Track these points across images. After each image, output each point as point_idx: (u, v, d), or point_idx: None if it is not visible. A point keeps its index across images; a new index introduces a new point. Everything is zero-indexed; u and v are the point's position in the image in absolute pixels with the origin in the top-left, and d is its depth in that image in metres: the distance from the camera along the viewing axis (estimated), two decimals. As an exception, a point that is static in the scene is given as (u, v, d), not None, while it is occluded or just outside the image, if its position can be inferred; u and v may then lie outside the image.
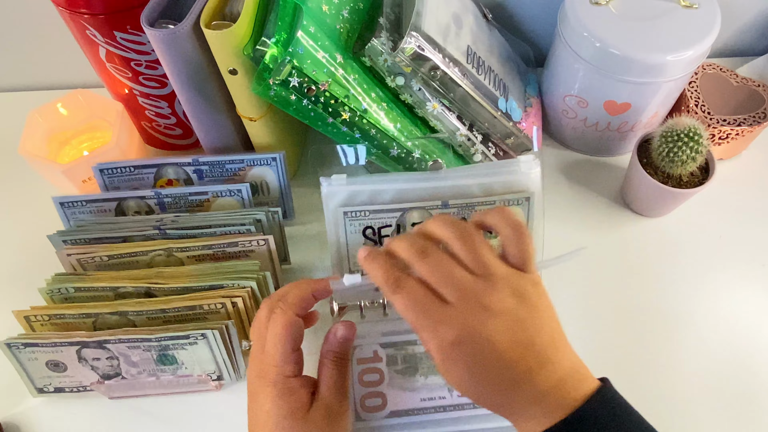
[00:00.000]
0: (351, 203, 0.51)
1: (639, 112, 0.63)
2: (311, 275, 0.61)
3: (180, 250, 0.54)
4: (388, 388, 0.50)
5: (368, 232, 0.52)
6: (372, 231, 0.52)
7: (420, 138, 0.58)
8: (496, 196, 0.51)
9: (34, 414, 0.53)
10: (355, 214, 0.51)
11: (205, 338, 0.49)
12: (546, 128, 0.72)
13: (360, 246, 0.52)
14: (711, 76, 0.69)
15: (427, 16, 0.54)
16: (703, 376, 0.54)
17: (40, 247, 0.57)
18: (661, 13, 0.59)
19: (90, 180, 0.61)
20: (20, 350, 0.49)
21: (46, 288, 0.52)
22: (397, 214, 0.52)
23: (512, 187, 0.51)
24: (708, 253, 0.62)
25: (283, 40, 0.50)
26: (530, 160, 0.52)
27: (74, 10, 0.54)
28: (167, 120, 0.67)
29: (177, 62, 0.52)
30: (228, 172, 0.60)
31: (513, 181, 0.51)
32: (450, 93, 0.56)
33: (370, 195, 0.51)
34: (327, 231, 0.52)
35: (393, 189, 0.51)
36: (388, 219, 0.52)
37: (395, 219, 0.52)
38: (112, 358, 0.50)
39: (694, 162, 0.57)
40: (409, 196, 0.51)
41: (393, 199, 0.51)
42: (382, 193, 0.51)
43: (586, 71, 0.61)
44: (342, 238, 0.52)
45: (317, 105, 0.53)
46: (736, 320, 0.57)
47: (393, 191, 0.51)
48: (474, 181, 0.51)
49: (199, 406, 0.53)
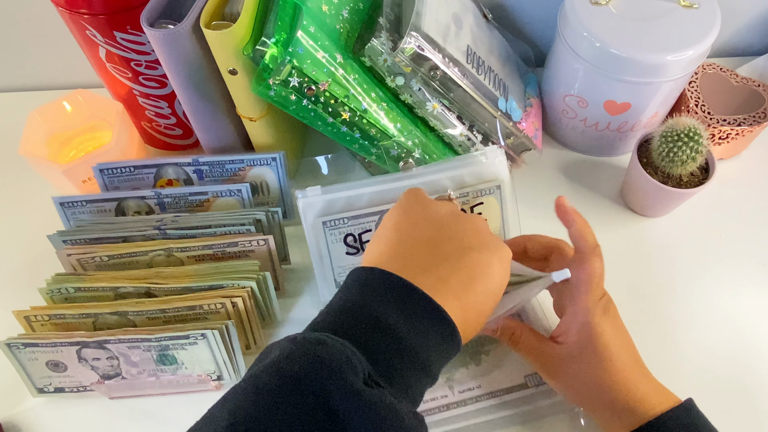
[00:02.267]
0: (329, 212, 0.51)
1: (639, 112, 0.63)
2: (311, 275, 0.61)
3: (180, 250, 0.54)
4: None
5: (349, 239, 0.53)
6: (353, 238, 0.53)
7: (420, 137, 0.58)
8: (469, 187, 0.52)
9: (34, 414, 0.53)
10: (335, 222, 0.52)
11: (205, 338, 0.49)
12: (546, 128, 0.72)
13: (342, 256, 0.53)
14: (711, 76, 0.69)
15: (427, 16, 0.54)
16: (702, 376, 0.54)
17: (40, 247, 0.57)
18: (661, 13, 0.59)
19: (90, 180, 0.61)
20: (20, 350, 0.49)
21: (46, 288, 0.52)
22: (375, 217, 0.52)
23: (482, 177, 0.53)
24: (708, 253, 0.62)
25: (283, 40, 0.50)
26: (495, 150, 0.53)
27: (74, 10, 0.54)
28: (167, 120, 0.67)
29: (177, 62, 0.52)
30: (228, 172, 0.60)
31: (482, 172, 0.53)
32: (450, 93, 0.56)
33: (347, 201, 0.52)
34: (308, 244, 0.53)
35: (368, 192, 0.52)
36: (368, 223, 0.52)
37: (374, 222, 0.52)
38: (112, 358, 0.50)
39: (694, 162, 0.57)
40: (385, 197, 0.52)
41: (369, 203, 0.52)
42: (358, 198, 0.52)
43: (586, 71, 0.61)
44: (324, 249, 0.53)
45: (317, 105, 0.53)
46: (736, 320, 0.57)
47: (368, 195, 0.52)
48: (444, 174, 0.52)
49: (199, 406, 0.53)
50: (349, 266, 0.54)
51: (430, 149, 0.59)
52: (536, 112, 0.68)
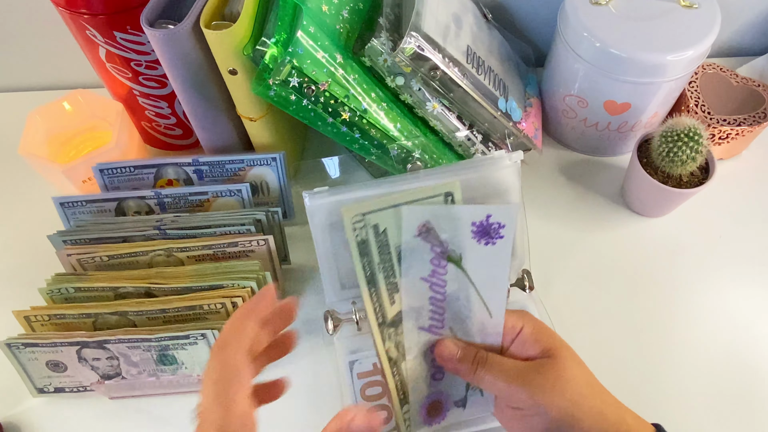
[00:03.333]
0: (337, 214, 0.50)
1: (639, 112, 0.63)
2: (312, 275, 0.61)
3: (180, 250, 0.54)
4: None
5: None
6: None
7: (419, 137, 0.58)
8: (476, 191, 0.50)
9: (34, 414, 0.53)
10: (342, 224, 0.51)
11: (204, 338, 0.49)
12: (546, 128, 0.72)
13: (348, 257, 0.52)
14: (711, 76, 0.69)
15: (427, 16, 0.54)
16: (702, 376, 0.54)
17: (40, 247, 0.57)
18: (661, 13, 0.59)
19: (90, 180, 0.61)
20: (20, 350, 0.49)
21: (46, 288, 0.52)
22: None
23: (490, 181, 0.51)
24: (708, 253, 0.62)
25: (283, 40, 0.50)
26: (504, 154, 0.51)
27: (74, 10, 0.54)
28: (167, 120, 0.67)
29: (177, 62, 0.52)
30: (228, 172, 0.60)
31: (491, 176, 0.51)
32: (450, 93, 0.56)
33: (355, 203, 0.50)
34: (315, 245, 0.51)
35: (376, 194, 0.50)
36: None
37: None
38: (112, 358, 0.50)
39: (694, 162, 0.57)
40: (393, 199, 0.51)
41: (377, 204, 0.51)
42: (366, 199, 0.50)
43: (586, 71, 0.61)
44: (330, 250, 0.52)
45: (317, 105, 0.53)
46: (736, 320, 0.57)
47: (376, 196, 0.50)
48: (453, 177, 0.51)
49: (199, 406, 0.53)
50: None
51: (430, 149, 0.59)
52: (536, 112, 0.68)
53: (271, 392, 0.40)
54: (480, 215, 0.41)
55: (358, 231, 0.41)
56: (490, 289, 0.43)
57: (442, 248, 0.42)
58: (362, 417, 0.36)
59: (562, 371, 0.39)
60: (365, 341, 0.53)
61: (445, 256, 0.42)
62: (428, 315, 0.43)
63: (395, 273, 0.41)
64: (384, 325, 0.42)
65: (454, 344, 0.43)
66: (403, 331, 0.42)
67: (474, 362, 0.41)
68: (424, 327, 0.43)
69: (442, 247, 0.42)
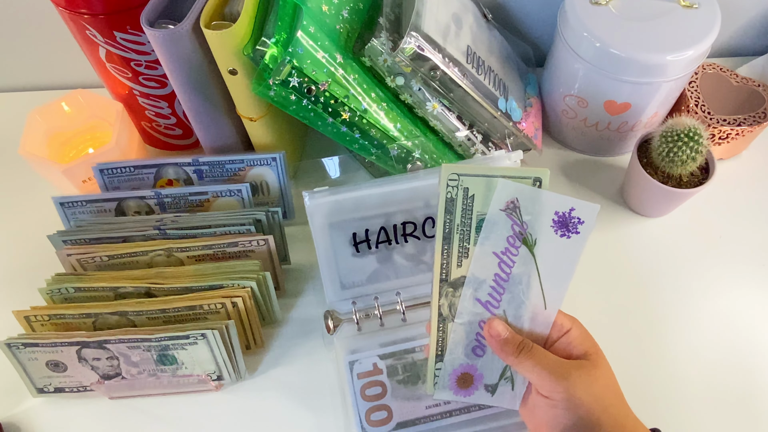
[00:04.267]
0: (336, 213, 0.51)
1: (639, 112, 0.63)
2: (312, 275, 0.61)
3: (180, 250, 0.54)
4: (392, 399, 0.50)
5: (357, 240, 0.52)
6: (361, 239, 0.52)
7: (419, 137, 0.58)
8: None
9: (34, 414, 0.53)
10: (342, 224, 0.51)
11: (205, 338, 0.49)
12: (546, 128, 0.72)
13: (349, 257, 0.52)
14: (711, 76, 0.69)
15: (427, 16, 0.54)
16: (702, 376, 0.54)
17: (40, 247, 0.57)
18: (661, 13, 0.59)
19: (90, 180, 0.61)
20: (20, 350, 0.49)
21: (46, 288, 0.52)
22: (382, 219, 0.52)
23: None
24: (708, 253, 0.62)
25: (283, 40, 0.50)
26: (503, 154, 0.52)
27: (74, 10, 0.54)
28: (167, 120, 0.67)
29: (177, 62, 0.52)
30: (228, 172, 0.60)
31: None
32: (450, 93, 0.56)
33: (355, 202, 0.51)
34: (315, 245, 0.52)
35: (376, 193, 0.51)
36: (375, 225, 0.52)
37: (381, 224, 0.52)
38: (112, 358, 0.50)
39: (694, 162, 0.57)
40: (393, 198, 0.51)
41: (377, 204, 0.51)
42: (366, 199, 0.51)
43: (586, 71, 0.61)
44: (330, 250, 0.52)
45: (317, 105, 0.53)
46: (736, 320, 0.57)
47: (377, 196, 0.51)
48: None
49: (199, 406, 0.53)
50: (355, 267, 0.54)
51: (430, 149, 0.59)
52: (536, 112, 0.68)
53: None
54: (564, 206, 0.42)
55: (450, 188, 0.42)
56: (553, 281, 0.43)
57: (521, 229, 0.42)
58: None
59: (599, 376, 0.41)
60: (365, 341, 0.53)
61: (521, 238, 0.43)
62: (488, 290, 0.44)
63: (470, 239, 0.43)
64: (445, 282, 0.43)
65: (504, 326, 0.44)
66: (461, 296, 0.43)
67: (519, 347, 0.43)
68: (481, 300, 0.44)
69: (522, 228, 0.42)
